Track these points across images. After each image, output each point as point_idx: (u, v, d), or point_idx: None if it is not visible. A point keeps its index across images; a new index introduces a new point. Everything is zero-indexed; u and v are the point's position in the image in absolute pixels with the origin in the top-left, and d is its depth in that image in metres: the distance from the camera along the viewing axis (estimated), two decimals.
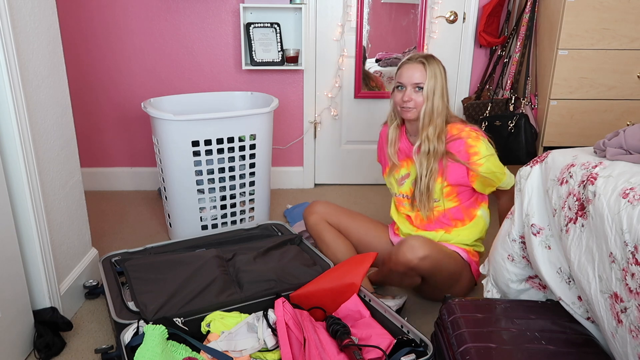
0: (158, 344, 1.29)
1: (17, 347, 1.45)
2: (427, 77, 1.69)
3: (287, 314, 1.42)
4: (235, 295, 1.61)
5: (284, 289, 1.64)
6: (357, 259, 1.65)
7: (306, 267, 1.76)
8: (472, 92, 2.91)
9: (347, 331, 1.40)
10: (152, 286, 1.63)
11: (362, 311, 1.53)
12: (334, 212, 1.93)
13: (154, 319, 1.44)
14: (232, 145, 2.14)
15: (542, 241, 1.37)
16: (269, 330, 1.42)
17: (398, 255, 1.62)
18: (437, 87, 1.70)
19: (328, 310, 1.56)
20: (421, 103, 1.70)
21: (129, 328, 1.39)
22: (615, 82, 2.43)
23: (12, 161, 1.43)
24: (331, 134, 2.99)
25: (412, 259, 1.59)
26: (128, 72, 2.78)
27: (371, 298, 1.55)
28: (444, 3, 2.77)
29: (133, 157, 2.95)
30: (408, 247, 1.61)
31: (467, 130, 1.71)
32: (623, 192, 1.07)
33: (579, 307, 1.30)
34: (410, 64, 1.72)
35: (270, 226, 2.18)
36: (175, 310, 1.51)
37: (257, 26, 2.67)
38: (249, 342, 1.41)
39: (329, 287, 1.58)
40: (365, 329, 1.46)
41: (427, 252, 1.60)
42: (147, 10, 2.68)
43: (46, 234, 1.56)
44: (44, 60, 1.57)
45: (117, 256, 1.89)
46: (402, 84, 1.72)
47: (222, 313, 1.53)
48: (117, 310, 1.53)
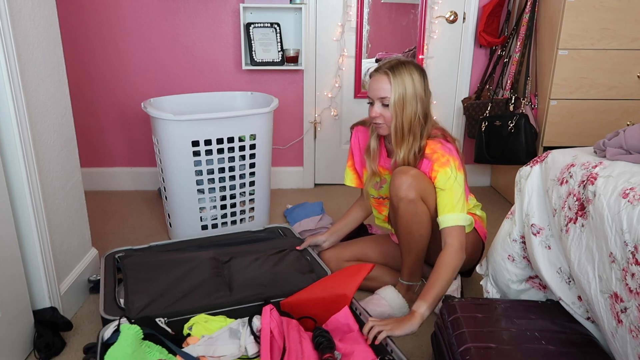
0: (130, 344, 1.26)
1: (17, 347, 1.45)
2: (391, 91, 1.56)
3: (274, 322, 1.35)
4: (223, 298, 1.57)
5: (274, 295, 1.59)
6: (352, 270, 1.57)
7: (300, 274, 1.70)
8: (472, 92, 2.91)
9: (331, 345, 1.33)
10: (145, 285, 1.63)
11: (352, 325, 1.44)
12: (342, 249, 1.92)
13: (136, 317, 1.42)
14: (232, 145, 2.13)
15: (542, 241, 1.37)
16: (251, 337, 1.36)
17: (392, 193, 1.61)
18: (407, 99, 1.57)
19: (319, 320, 1.48)
20: (390, 119, 1.60)
21: (111, 324, 1.35)
22: (615, 82, 2.43)
23: (12, 161, 1.43)
24: (331, 134, 2.99)
25: (403, 180, 1.58)
26: (128, 72, 2.78)
27: (361, 312, 1.47)
28: (444, 3, 2.77)
29: (133, 157, 2.95)
30: (396, 184, 1.60)
31: (440, 152, 1.60)
32: (623, 192, 1.07)
33: (579, 307, 1.30)
34: (376, 75, 1.60)
35: (277, 229, 2.16)
36: (160, 310, 1.49)
37: (257, 26, 2.67)
38: (229, 348, 1.35)
39: (320, 297, 1.51)
40: (351, 344, 1.38)
41: (412, 173, 1.59)
42: (147, 10, 2.68)
43: (46, 234, 1.56)
44: (44, 60, 1.57)
45: (121, 252, 1.90)
46: (370, 98, 1.62)
47: (206, 316, 1.48)
48: (106, 306, 1.54)
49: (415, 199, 1.58)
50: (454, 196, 1.58)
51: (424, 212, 1.61)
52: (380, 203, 1.86)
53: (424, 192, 1.59)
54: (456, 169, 1.60)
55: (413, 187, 1.57)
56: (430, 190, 1.61)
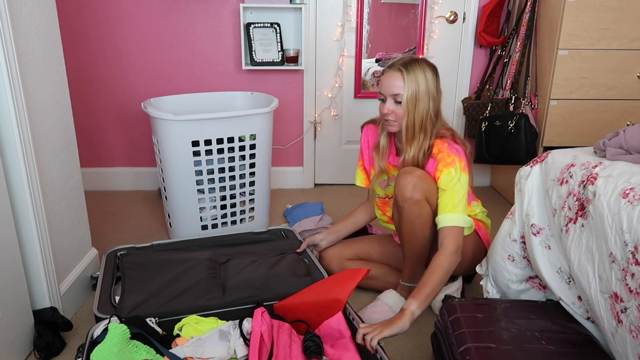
0: (116, 344, 1.25)
1: (17, 347, 1.45)
2: (404, 88, 1.56)
3: (264, 325, 1.34)
4: (215, 300, 1.56)
5: (267, 298, 1.57)
6: (347, 274, 1.53)
7: (296, 278, 1.68)
8: (472, 92, 2.91)
9: (319, 351, 1.31)
10: (140, 284, 1.63)
11: (343, 331, 1.42)
12: (344, 247, 1.90)
13: (126, 317, 1.40)
14: (232, 145, 2.13)
15: (542, 241, 1.37)
16: (240, 340, 1.34)
17: (397, 193, 1.61)
18: (419, 96, 1.57)
19: (312, 324, 1.47)
20: (402, 116, 1.59)
21: (101, 323, 1.35)
22: (615, 82, 2.43)
23: (12, 161, 1.43)
24: (331, 134, 2.99)
25: (409, 181, 1.58)
26: (128, 72, 2.78)
27: (354, 317, 1.44)
28: (444, 3, 2.77)
29: (133, 157, 2.95)
30: (401, 184, 1.60)
31: (446, 152, 1.60)
32: (623, 192, 1.07)
33: (579, 307, 1.30)
34: (389, 72, 1.59)
35: (279, 231, 2.14)
36: (152, 310, 1.49)
37: (257, 26, 2.67)
38: (217, 350, 1.33)
39: (314, 301, 1.49)
40: (341, 350, 1.36)
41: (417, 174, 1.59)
42: (147, 10, 2.68)
43: (46, 234, 1.56)
44: (44, 60, 1.57)
45: (123, 250, 1.90)
46: (383, 95, 1.61)
47: (197, 317, 1.46)
48: (100, 304, 1.54)
49: (420, 200, 1.58)
50: (455, 197, 1.58)
51: (428, 214, 1.61)
52: (385, 203, 1.85)
53: (428, 193, 1.59)
54: (461, 170, 1.59)
55: (419, 187, 1.57)
56: (434, 192, 1.61)
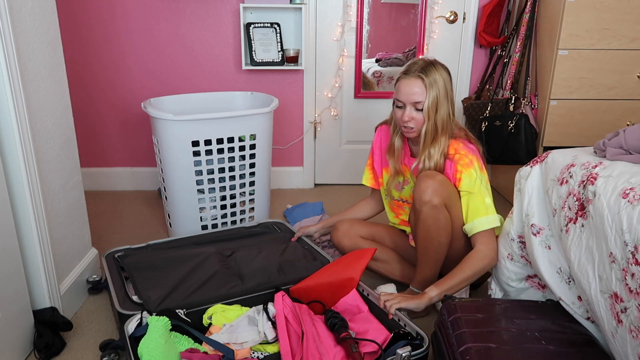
0: (161, 335, 1.30)
1: (17, 347, 1.45)
2: (426, 95, 1.54)
3: (287, 308, 1.44)
4: (236, 287, 1.63)
5: (284, 282, 1.67)
6: (356, 254, 1.66)
7: (306, 262, 1.79)
8: (472, 92, 2.91)
9: (345, 325, 1.42)
10: (155, 282, 1.66)
11: (361, 306, 1.55)
12: (360, 226, 1.88)
13: (157, 310, 1.46)
14: (232, 145, 2.14)
15: (542, 241, 1.37)
16: (268, 323, 1.45)
17: (415, 196, 1.57)
18: (440, 101, 1.56)
19: (327, 304, 1.58)
20: (422, 122, 1.58)
21: (132, 318, 1.41)
22: (615, 82, 2.43)
23: (12, 161, 1.43)
24: (331, 134, 2.99)
25: (430, 185, 1.53)
26: (128, 72, 2.78)
27: (369, 292, 1.57)
28: (444, 3, 2.77)
29: (133, 157, 2.95)
30: (421, 187, 1.55)
31: (463, 152, 1.58)
32: (623, 192, 1.07)
33: (579, 307, 1.30)
34: (407, 79, 1.57)
35: (271, 224, 2.20)
36: (178, 302, 1.54)
37: (257, 26, 2.67)
38: (249, 334, 1.43)
39: (328, 282, 1.60)
40: (362, 323, 1.47)
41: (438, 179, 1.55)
42: (147, 10, 2.68)
43: (46, 234, 1.56)
44: (44, 60, 1.57)
45: (120, 252, 1.92)
46: (401, 102, 1.59)
47: (223, 306, 1.55)
48: (121, 302, 1.57)
49: (439, 205, 1.53)
50: (484, 198, 1.56)
51: (445, 220, 1.56)
52: (400, 206, 1.83)
53: (448, 199, 1.56)
54: (480, 170, 1.58)
55: (439, 192, 1.53)
56: (454, 198, 1.58)
